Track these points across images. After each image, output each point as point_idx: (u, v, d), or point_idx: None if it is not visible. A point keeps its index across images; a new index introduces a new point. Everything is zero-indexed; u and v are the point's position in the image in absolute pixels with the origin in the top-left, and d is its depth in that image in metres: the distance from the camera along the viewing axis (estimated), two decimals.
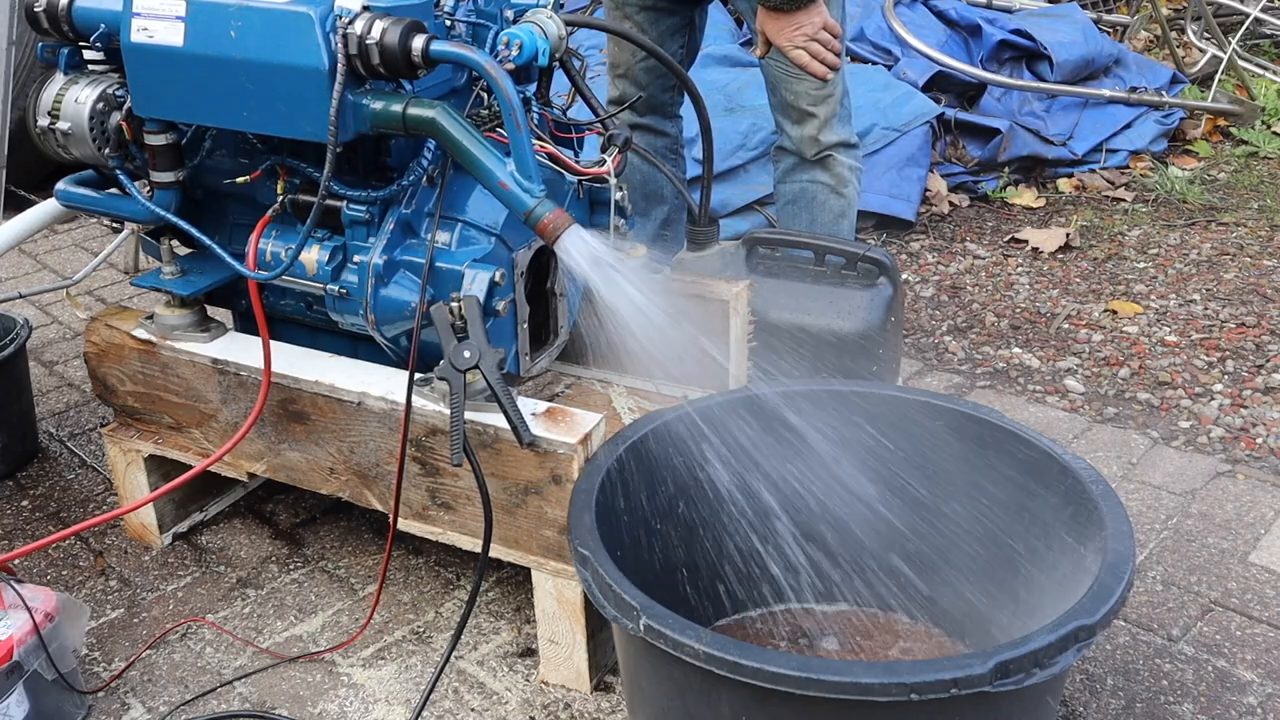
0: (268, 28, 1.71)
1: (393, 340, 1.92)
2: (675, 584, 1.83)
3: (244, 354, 2.01)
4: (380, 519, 2.09)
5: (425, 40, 1.67)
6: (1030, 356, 2.92)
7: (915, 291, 3.30)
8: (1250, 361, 2.86)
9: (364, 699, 1.88)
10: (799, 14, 2.33)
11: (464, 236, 1.87)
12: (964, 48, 4.30)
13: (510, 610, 2.06)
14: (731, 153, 3.52)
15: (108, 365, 2.14)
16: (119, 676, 1.94)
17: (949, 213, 3.83)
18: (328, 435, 1.95)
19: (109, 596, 2.13)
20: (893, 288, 2.39)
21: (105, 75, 1.94)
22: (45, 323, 3.23)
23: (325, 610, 2.08)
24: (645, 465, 1.76)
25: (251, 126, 1.81)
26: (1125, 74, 4.46)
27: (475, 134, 1.72)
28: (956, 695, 1.28)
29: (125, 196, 1.97)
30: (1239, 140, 4.40)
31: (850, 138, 2.61)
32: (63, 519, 2.36)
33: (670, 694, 1.48)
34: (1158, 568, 2.13)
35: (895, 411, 1.81)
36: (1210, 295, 3.22)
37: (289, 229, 1.94)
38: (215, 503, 2.33)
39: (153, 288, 2.07)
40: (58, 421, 2.74)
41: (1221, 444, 2.52)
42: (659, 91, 2.76)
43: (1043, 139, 4.08)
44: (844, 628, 1.89)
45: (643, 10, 2.66)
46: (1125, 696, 1.84)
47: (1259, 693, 1.85)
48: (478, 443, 1.78)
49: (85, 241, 3.79)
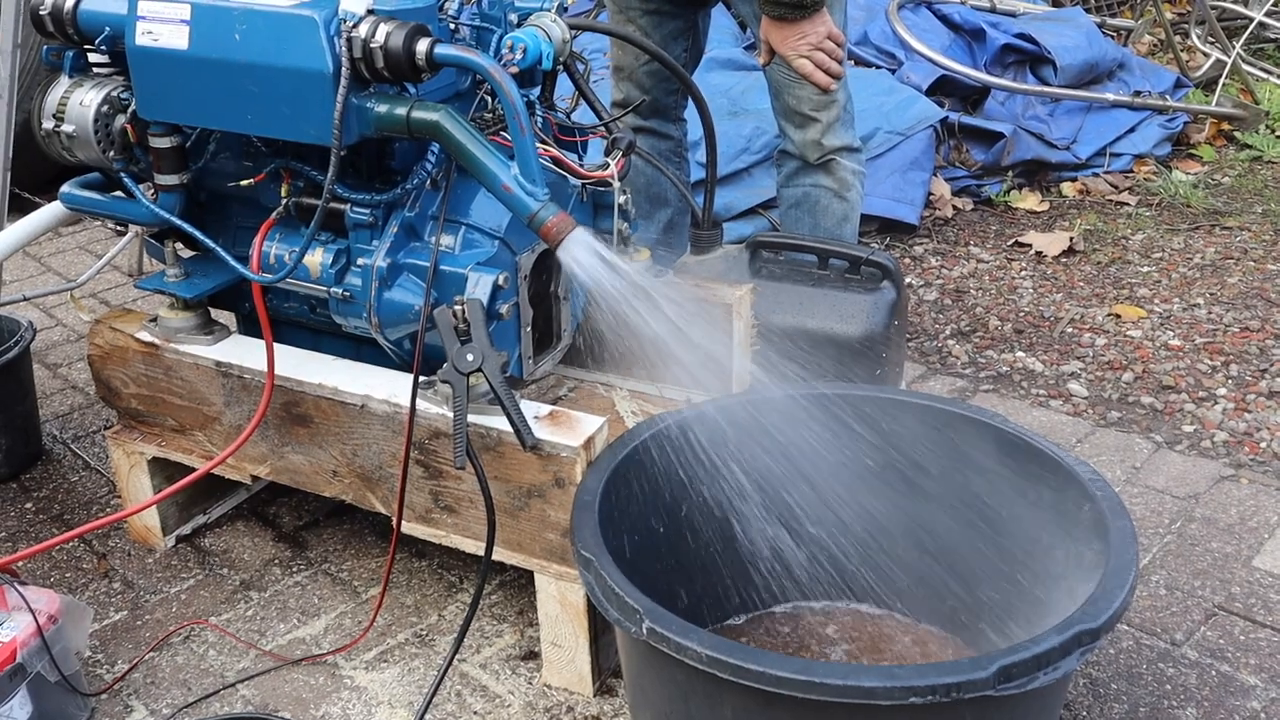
0: (272, 31, 1.71)
1: (396, 343, 1.92)
2: (678, 587, 1.82)
3: (247, 356, 2.02)
4: (383, 522, 2.09)
5: (429, 44, 1.68)
6: (1034, 360, 2.92)
7: (919, 295, 3.30)
8: (1254, 365, 2.86)
9: (367, 702, 1.88)
10: (804, 23, 2.33)
11: (467, 240, 1.87)
12: (968, 52, 4.30)
13: (513, 613, 2.06)
14: (735, 156, 3.53)
15: (111, 368, 2.14)
16: (122, 679, 1.94)
17: (952, 216, 3.83)
18: (331, 438, 1.95)
19: (112, 599, 2.14)
20: (896, 291, 2.39)
21: (110, 78, 1.94)
22: (49, 325, 3.23)
23: (328, 613, 2.08)
24: (648, 468, 1.75)
25: (255, 130, 1.81)
26: (1129, 78, 4.46)
27: (479, 137, 1.72)
28: (959, 699, 1.28)
29: (129, 199, 1.98)
30: (1243, 144, 4.40)
31: (853, 142, 2.61)
32: (66, 521, 2.37)
33: (673, 697, 1.48)
34: (1161, 572, 2.13)
35: (899, 415, 1.81)
36: (1214, 299, 3.21)
37: (293, 232, 1.94)
38: (218, 505, 2.34)
39: (156, 290, 2.07)
40: (61, 424, 2.74)
41: (1225, 448, 2.52)
42: (663, 95, 2.76)
43: (1046, 143, 4.07)
44: (847, 629, 1.89)
45: (646, 14, 2.67)
46: (1128, 701, 1.84)
47: (1262, 697, 1.84)
48: (481, 445, 1.78)
49: (89, 244, 3.80)
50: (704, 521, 1.83)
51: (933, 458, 1.79)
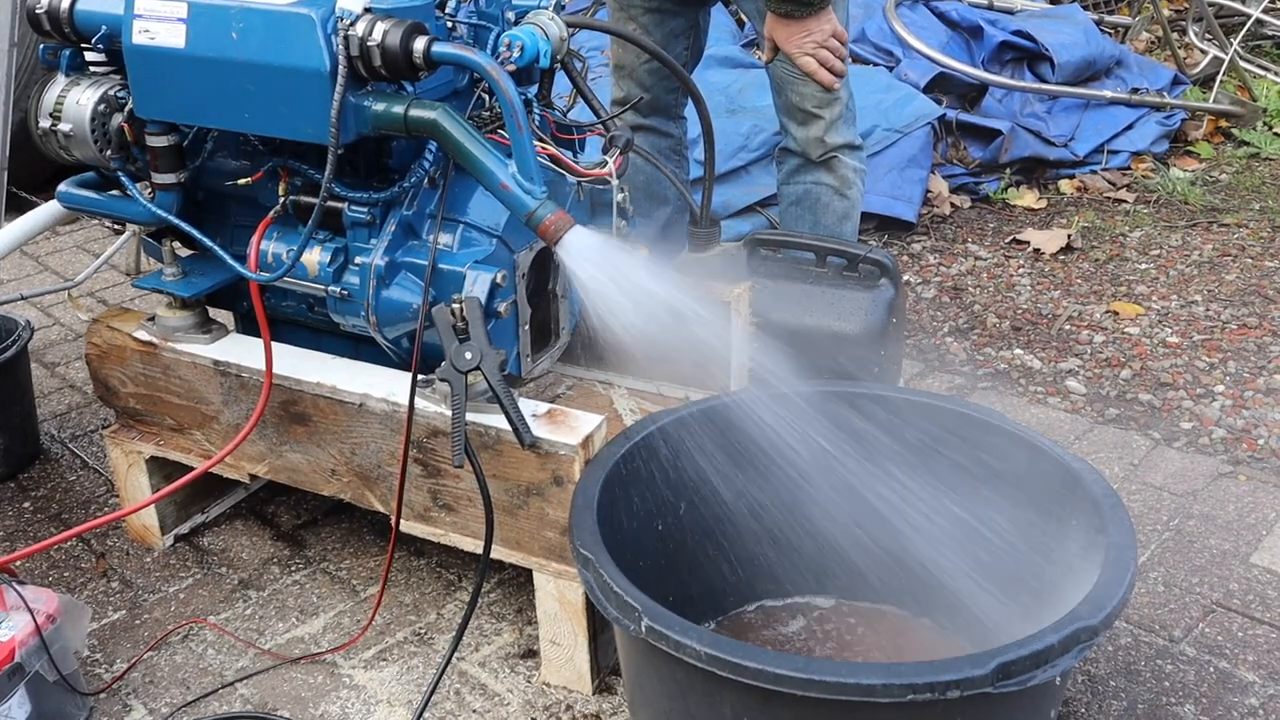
0: (269, 30, 1.71)
1: (394, 342, 1.92)
2: (677, 585, 1.82)
3: (245, 355, 2.01)
4: (381, 520, 2.09)
5: (427, 42, 1.67)
6: (1032, 358, 2.92)
7: (917, 293, 3.30)
8: (1252, 362, 2.86)
9: (366, 700, 1.88)
10: (809, 21, 2.33)
11: (465, 238, 1.87)
12: (965, 49, 4.29)
13: (512, 612, 2.06)
14: (733, 154, 3.52)
15: (109, 367, 2.14)
16: (121, 678, 1.94)
17: (950, 214, 3.83)
18: (329, 437, 1.95)
19: (110, 598, 2.14)
20: (894, 289, 2.39)
21: (107, 77, 1.94)
22: (47, 324, 3.23)
23: (327, 611, 2.08)
24: (647, 466, 1.75)
25: (253, 128, 1.81)
26: (1127, 75, 4.46)
27: (477, 135, 1.72)
28: (958, 697, 1.28)
29: (127, 198, 1.97)
30: (1240, 141, 4.40)
31: (855, 139, 2.61)
32: (64, 520, 2.37)
33: (672, 695, 1.48)
34: (1159, 569, 2.13)
35: (897, 412, 1.81)
36: (1212, 296, 3.21)
37: (290, 230, 1.94)
38: (217, 504, 2.33)
39: (154, 289, 2.07)
40: (59, 423, 2.74)
41: (1223, 445, 2.52)
42: (663, 93, 2.76)
43: (1044, 140, 4.07)
44: (847, 626, 1.89)
45: (648, 12, 2.66)
46: (1127, 698, 1.84)
47: (1260, 694, 1.84)
48: (479, 444, 1.78)
49: (87, 243, 3.80)
50: (703, 519, 1.83)
51: (930, 455, 1.79)
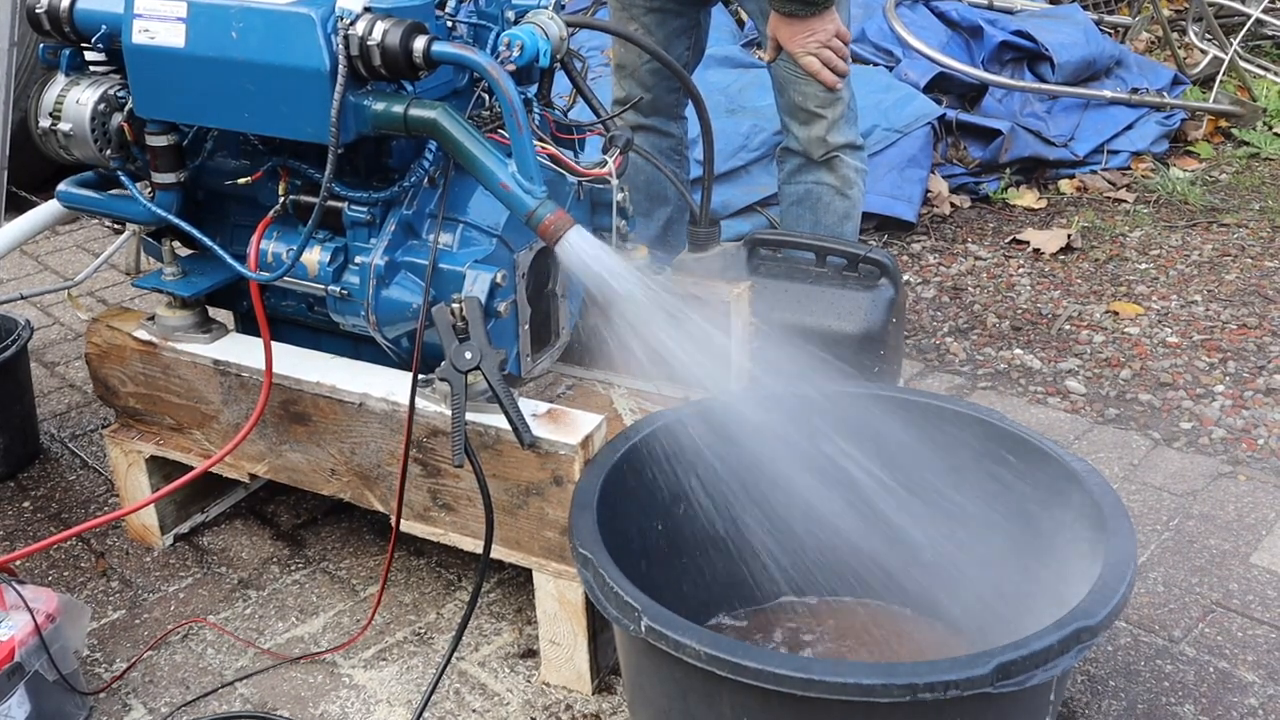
0: (269, 29, 1.71)
1: (394, 341, 1.92)
2: (677, 584, 1.82)
3: (245, 355, 2.01)
4: (381, 520, 2.09)
5: (426, 41, 1.67)
6: (1031, 358, 2.92)
7: (916, 292, 3.30)
8: (1251, 363, 2.86)
9: (365, 700, 1.88)
10: (813, 20, 2.33)
11: (465, 238, 1.87)
12: (965, 49, 4.29)
13: (512, 611, 2.06)
14: (733, 154, 3.52)
15: (109, 366, 2.14)
16: (120, 677, 1.94)
17: (950, 214, 3.83)
18: (329, 436, 1.95)
19: (110, 598, 2.14)
20: (894, 289, 2.39)
21: (107, 76, 1.94)
22: (47, 324, 3.23)
23: (326, 611, 2.08)
24: (647, 466, 1.75)
25: (253, 128, 1.81)
26: (1127, 75, 4.46)
27: (477, 135, 1.72)
28: (958, 696, 1.28)
29: (127, 197, 1.97)
30: (1240, 141, 4.40)
31: (856, 139, 2.61)
32: (64, 520, 2.37)
33: (671, 695, 1.48)
34: (1159, 569, 2.13)
35: (896, 412, 1.81)
36: (1212, 296, 3.21)
37: (290, 230, 1.94)
38: (216, 504, 2.33)
39: (154, 289, 2.07)
40: (59, 423, 2.74)
41: (1223, 445, 2.52)
42: (664, 93, 2.76)
43: (1044, 140, 4.07)
44: (847, 625, 1.89)
45: (650, 12, 2.66)
46: (1127, 698, 1.84)
47: (1260, 694, 1.84)
48: (479, 444, 1.78)
49: (86, 243, 3.80)
50: (702, 518, 1.83)
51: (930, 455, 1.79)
